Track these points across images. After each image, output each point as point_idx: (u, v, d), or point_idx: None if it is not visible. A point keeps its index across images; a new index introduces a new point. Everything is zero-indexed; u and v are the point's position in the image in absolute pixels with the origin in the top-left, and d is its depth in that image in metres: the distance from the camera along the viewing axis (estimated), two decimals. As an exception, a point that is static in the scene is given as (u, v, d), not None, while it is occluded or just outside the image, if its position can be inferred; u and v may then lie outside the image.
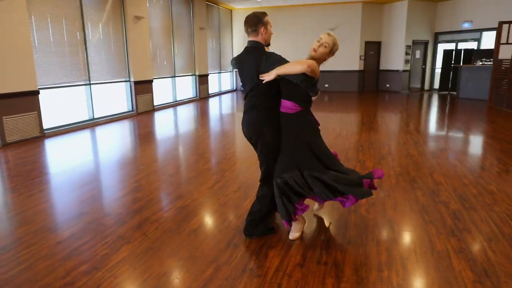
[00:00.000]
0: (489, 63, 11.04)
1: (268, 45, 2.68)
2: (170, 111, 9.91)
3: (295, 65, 2.42)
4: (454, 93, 12.78)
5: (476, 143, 6.25)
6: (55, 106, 7.16)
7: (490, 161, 4.99)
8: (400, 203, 3.42)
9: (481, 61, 11.61)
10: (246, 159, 4.96)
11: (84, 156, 5.40)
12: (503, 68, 9.76)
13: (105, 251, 2.60)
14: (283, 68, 2.44)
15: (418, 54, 14.18)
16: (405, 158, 4.98)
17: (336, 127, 7.11)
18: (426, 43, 14.15)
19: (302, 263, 2.43)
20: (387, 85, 14.52)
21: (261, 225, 2.79)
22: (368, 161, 4.83)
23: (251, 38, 2.60)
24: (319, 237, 2.79)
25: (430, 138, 6.48)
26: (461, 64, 12.71)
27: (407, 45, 13.60)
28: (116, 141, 6.60)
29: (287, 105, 2.62)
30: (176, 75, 11.17)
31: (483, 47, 12.94)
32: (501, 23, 9.85)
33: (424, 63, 14.34)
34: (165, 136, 6.92)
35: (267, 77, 2.46)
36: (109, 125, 7.82)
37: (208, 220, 3.18)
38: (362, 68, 14.41)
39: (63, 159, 5.22)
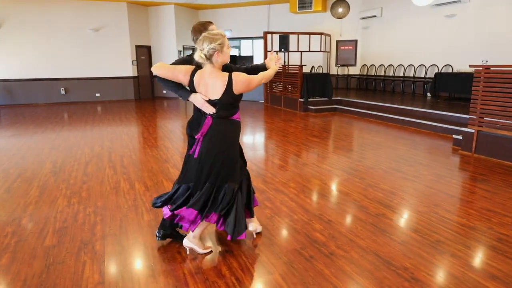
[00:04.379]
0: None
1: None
2: None
3: None
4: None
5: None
6: None
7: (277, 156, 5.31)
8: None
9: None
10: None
11: None
12: (273, 72, 11.08)
13: None
14: None
15: (189, 59, 14.32)
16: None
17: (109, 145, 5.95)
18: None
19: None
20: (164, 92, 13.99)
21: None
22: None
23: None
24: None
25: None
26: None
27: (179, 50, 13.46)
28: None
29: None
30: None
31: (243, 54, 14.43)
32: (265, 33, 11.13)
33: (195, 68, 14.63)
34: None
35: None
36: None
37: None
38: (136, 74, 13.24)
39: None
